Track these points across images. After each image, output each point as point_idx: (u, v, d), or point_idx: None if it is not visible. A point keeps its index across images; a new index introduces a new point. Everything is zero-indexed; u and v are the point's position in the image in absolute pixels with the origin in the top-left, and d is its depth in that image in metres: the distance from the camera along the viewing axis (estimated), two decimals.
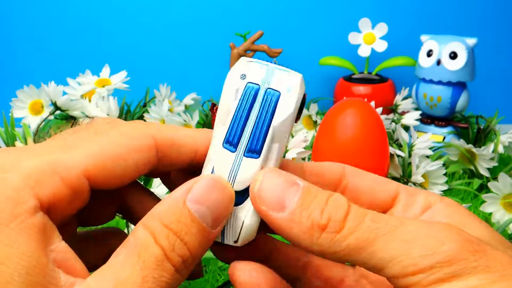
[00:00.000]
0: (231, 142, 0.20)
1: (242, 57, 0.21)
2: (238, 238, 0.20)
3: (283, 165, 0.22)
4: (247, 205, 0.20)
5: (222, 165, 0.20)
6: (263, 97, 0.20)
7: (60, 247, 0.18)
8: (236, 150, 0.20)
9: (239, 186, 0.20)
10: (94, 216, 0.25)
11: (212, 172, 0.21)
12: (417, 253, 0.17)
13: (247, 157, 0.20)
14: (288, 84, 0.20)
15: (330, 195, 0.19)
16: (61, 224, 0.19)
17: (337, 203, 0.19)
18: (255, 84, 0.21)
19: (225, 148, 0.20)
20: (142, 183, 0.44)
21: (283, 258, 0.24)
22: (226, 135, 0.20)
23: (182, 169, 0.23)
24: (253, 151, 0.20)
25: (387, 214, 0.23)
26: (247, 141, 0.20)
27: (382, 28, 0.77)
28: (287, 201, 0.19)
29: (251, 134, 0.20)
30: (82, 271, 0.18)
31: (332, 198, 0.19)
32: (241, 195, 0.20)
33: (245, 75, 0.21)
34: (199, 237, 0.19)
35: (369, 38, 0.78)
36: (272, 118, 0.20)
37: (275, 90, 0.20)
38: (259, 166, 0.20)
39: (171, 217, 0.18)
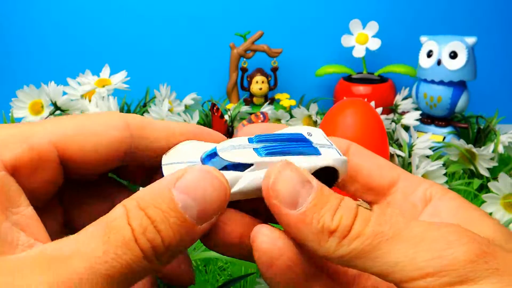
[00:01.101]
0: (256, 138, 0.22)
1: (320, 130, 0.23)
2: None
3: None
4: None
5: (233, 141, 0.22)
6: (307, 144, 0.22)
7: (26, 212, 0.18)
8: (252, 143, 0.21)
9: (226, 157, 0.21)
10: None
11: (214, 149, 0.21)
12: (423, 257, 0.17)
13: (253, 150, 0.21)
14: (331, 155, 0.21)
15: (341, 199, 0.19)
16: (32, 192, 0.19)
17: (347, 208, 0.18)
18: (311, 140, 0.22)
19: (248, 139, 0.22)
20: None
21: None
22: (259, 134, 0.22)
23: (153, 164, 0.23)
24: (262, 151, 0.21)
25: (386, 202, 0.23)
26: (265, 145, 0.21)
27: (373, 27, 0.78)
28: (300, 199, 0.18)
29: (273, 145, 0.21)
30: (45, 238, 0.18)
31: (343, 202, 0.19)
32: (224, 167, 0.21)
33: (311, 134, 0.23)
34: (177, 227, 0.17)
35: (362, 38, 0.78)
36: (296, 155, 0.21)
37: (319, 151, 0.21)
38: (252, 161, 0.20)
39: (149, 202, 0.17)
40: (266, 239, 0.19)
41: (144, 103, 0.76)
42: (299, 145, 0.21)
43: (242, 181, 0.20)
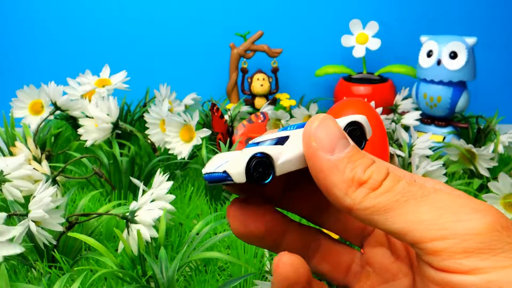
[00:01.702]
0: (286, 127, 0.23)
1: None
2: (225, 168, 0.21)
3: None
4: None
5: (265, 136, 0.23)
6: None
7: None
8: (280, 131, 0.23)
9: (265, 138, 0.22)
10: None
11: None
12: (449, 218, 0.17)
13: (286, 129, 0.22)
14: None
15: (374, 160, 0.19)
16: None
17: (379, 167, 0.19)
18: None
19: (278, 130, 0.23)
20: (142, 183, 0.45)
21: (294, 241, 0.24)
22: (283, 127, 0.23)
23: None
24: (294, 127, 0.22)
25: None
26: (296, 126, 0.22)
27: (373, 27, 0.78)
28: (337, 148, 0.19)
29: (300, 124, 0.22)
30: None
31: (376, 162, 0.19)
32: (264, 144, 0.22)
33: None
34: None
35: (362, 38, 0.78)
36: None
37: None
38: (287, 134, 0.22)
39: None
40: (289, 267, 0.20)
41: (144, 103, 0.76)
42: None
43: (285, 153, 0.21)
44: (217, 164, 0.22)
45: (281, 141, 0.21)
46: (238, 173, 0.20)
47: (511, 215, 0.47)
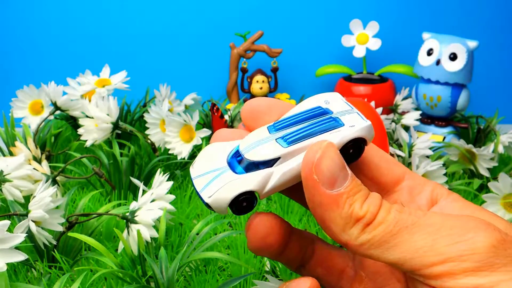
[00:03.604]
0: (274, 126, 0.22)
1: (337, 93, 0.23)
2: (212, 196, 0.21)
3: None
4: (246, 178, 0.20)
5: (254, 136, 0.21)
6: (327, 118, 0.21)
7: None
8: (272, 133, 0.21)
9: (252, 157, 0.21)
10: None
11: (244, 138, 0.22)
12: (444, 242, 0.17)
13: (276, 141, 0.21)
14: (354, 122, 0.21)
15: (369, 192, 0.19)
16: None
17: (374, 197, 0.19)
18: (330, 110, 0.22)
19: (267, 128, 0.22)
20: (142, 183, 0.45)
21: (294, 247, 0.24)
22: (277, 121, 0.22)
23: None
24: (285, 141, 0.21)
25: (393, 198, 0.23)
26: (286, 132, 0.21)
27: (374, 27, 0.77)
28: (338, 182, 0.19)
29: (294, 130, 0.21)
30: None
31: (371, 194, 0.19)
32: (251, 166, 0.21)
33: (328, 102, 0.22)
34: None
35: (362, 38, 0.78)
36: (319, 134, 0.21)
37: (341, 121, 0.21)
38: (278, 154, 0.20)
39: None
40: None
41: (144, 103, 0.76)
42: (320, 122, 0.21)
43: (274, 177, 0.20)
44: (203, 170, 0.21)
45: (271, 162, 0.20)
46: (220, 209, 0.20)
47: (511, 215, 0.47)
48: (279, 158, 0.20)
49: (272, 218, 0.22)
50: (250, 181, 0.20)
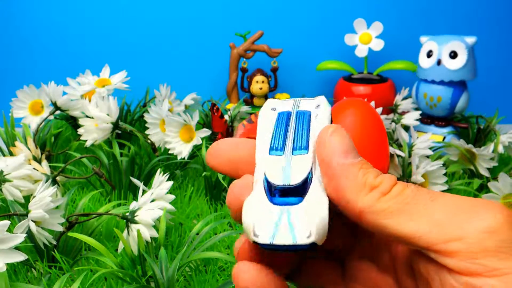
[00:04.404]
0: (276, 148, 0.21)
1: (268, 99, 0.23)
2: (311, 233, 0.19)
3: None
4: (312, 197, 0.19)
5: (273, 167, 0.20)
6: (296, 115, 0.22)
7: None
8: (283, 152, 0.21)
9: (295, 180, 0.20)
10: None
11: (264, 176, 0.20)
12: (462, 218, 0.17)
13: (295, 154, 0.20)
14: (315, 103, 0.22)
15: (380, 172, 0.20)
16: None
17: (388, 175, 0.19)
18: (286, 111, 0.22)
19: (271, 154, 0.21)
20: (142, 183, 0.45)
21: (285, 261, 0.23)
22: (270, 145, 0.21)
23: None
24: (300, 148, 0.20)
25: None
26: (292, 143, 0.21)
27: (378, 27, 0.77)
28: (350, 155, 0.19)
29: (294, 137, 0.21)
30: None
31: (383, 173, 0.20)
32: (297, 192, 0.20)
33: (275, 108, 0.23)
34: None
35: (366, 38, 0.78)
36: (310, 123, 0.21)
37: (305, 110, 0.22)
38: (311, 158, 0.20)
39: None
40: (246, 274, 0.21)
41: (144, 103, 0.76)
42: (298, 120, 0.22)
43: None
44: (265, 230, 0.19)
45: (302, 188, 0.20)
46: (324, 235, 0.18)
47: None
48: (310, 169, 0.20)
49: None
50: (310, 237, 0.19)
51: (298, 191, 0.20)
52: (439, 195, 0.18)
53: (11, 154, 0.58)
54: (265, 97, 0.80)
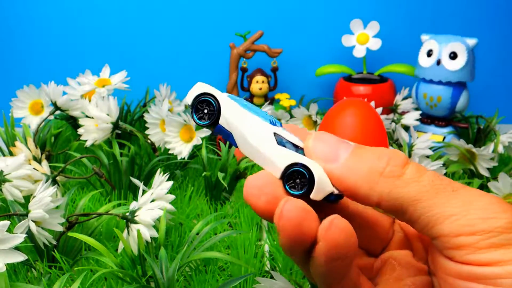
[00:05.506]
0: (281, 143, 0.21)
1: None
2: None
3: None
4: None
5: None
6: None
7: None
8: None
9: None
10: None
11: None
12: (477, 214, 0.17)
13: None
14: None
15: (380, 148, 0.19)
16: None
17: (394, 152, 0.19)
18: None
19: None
20: (142, 183, 0.45)
21: None
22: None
23: None
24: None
25: None
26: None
27: (374, 27, 0.77)
28: (340, 153, 0.19)
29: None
30: None
31: (389, 149, 0.19)
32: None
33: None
34: None
35: (363, 38, 0.78)
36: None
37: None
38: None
39: None
40: (339, 234, 0.18)
41: (144, 103, 0.76)
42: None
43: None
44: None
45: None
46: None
47: None
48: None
49: (302, 202, 0.20)
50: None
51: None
52: (460, 187, 0.18)
53: (11, 154, 0.58)
54: (265, 96, 0.80)
